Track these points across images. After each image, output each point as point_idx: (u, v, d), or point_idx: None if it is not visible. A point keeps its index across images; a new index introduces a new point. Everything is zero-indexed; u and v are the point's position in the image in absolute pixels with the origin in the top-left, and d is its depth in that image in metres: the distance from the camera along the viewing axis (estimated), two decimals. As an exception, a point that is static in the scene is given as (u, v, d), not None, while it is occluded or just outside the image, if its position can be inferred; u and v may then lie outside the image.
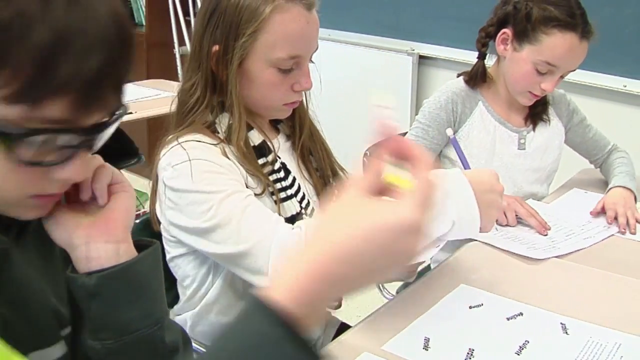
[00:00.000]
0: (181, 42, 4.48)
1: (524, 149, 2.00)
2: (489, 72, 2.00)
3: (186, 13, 4.52)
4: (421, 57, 3.55)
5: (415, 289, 1.44)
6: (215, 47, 1.37)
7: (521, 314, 1.34)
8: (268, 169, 1.43)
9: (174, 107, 1.47)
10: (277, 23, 1.33)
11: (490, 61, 2.01)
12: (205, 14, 1.38)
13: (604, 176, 2.12)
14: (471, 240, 1.65)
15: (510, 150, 1.99)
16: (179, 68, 4.47)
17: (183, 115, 1.42)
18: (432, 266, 1.78)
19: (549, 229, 1.75)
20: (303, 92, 1.46)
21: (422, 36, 3.53)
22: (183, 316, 1.52)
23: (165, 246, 1.48)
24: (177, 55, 4.46)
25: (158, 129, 5.09)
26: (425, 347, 1.21)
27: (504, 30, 1.88)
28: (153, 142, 5.34)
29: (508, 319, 1.32)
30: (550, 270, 1.54)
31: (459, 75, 2.03)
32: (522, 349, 1.22)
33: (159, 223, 1.45)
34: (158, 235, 1.47)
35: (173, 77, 4.15)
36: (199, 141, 1.36)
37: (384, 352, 1.19)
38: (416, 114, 3.56)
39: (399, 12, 3.56)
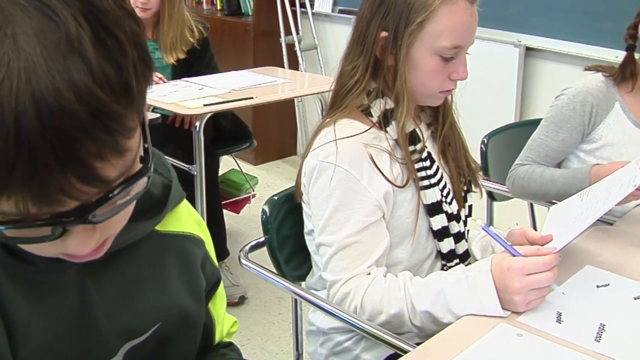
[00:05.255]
0: (287, 32, 4.60)
1: None
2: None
3: (292, 3, 4.63)
4: (528, 49, 3.53)
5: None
6: (384, 34, 1.44)
7: (647, 295, 1.38)
8: (416, 157, 1.50)
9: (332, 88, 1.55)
10: (445, 14, 1.40)
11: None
12: (374, 2, 1.45)
13: None
14: (600, 223, 1.68)
15: None
16: (284, 57, 4.60)
17: (341, 97, 1.50)
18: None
19: None
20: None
21: (529, 28, 3.50)
22: (320, 293, 1.57)
23: (304, 219, 1.57)
24: (284, 44, 4.58)
25: (262, 114, 5.25)
26: (559, 320, 1.27)
27: None
28: (258, 126, 5.47)
29: (635, 298, 1.36)
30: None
31: (598, 71, 1.98)
32: (653, 326, 1.27)
33: (301, 195, 1.53)
34: (298, 207, 1.57)
35: (279, 65, 4.26)
36: (352, 135, 1.43)
37: (519, 324, 1.26)
38: (522, 107, 3.57)
39: (506, 4, 3.53)
